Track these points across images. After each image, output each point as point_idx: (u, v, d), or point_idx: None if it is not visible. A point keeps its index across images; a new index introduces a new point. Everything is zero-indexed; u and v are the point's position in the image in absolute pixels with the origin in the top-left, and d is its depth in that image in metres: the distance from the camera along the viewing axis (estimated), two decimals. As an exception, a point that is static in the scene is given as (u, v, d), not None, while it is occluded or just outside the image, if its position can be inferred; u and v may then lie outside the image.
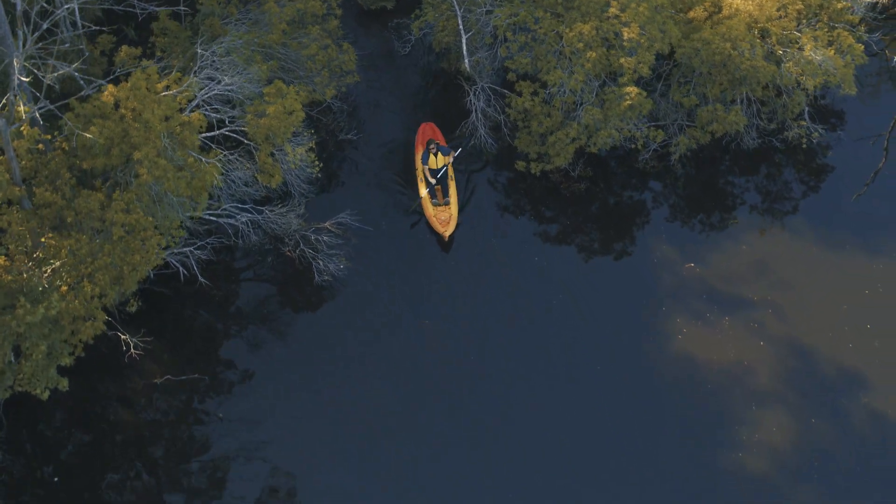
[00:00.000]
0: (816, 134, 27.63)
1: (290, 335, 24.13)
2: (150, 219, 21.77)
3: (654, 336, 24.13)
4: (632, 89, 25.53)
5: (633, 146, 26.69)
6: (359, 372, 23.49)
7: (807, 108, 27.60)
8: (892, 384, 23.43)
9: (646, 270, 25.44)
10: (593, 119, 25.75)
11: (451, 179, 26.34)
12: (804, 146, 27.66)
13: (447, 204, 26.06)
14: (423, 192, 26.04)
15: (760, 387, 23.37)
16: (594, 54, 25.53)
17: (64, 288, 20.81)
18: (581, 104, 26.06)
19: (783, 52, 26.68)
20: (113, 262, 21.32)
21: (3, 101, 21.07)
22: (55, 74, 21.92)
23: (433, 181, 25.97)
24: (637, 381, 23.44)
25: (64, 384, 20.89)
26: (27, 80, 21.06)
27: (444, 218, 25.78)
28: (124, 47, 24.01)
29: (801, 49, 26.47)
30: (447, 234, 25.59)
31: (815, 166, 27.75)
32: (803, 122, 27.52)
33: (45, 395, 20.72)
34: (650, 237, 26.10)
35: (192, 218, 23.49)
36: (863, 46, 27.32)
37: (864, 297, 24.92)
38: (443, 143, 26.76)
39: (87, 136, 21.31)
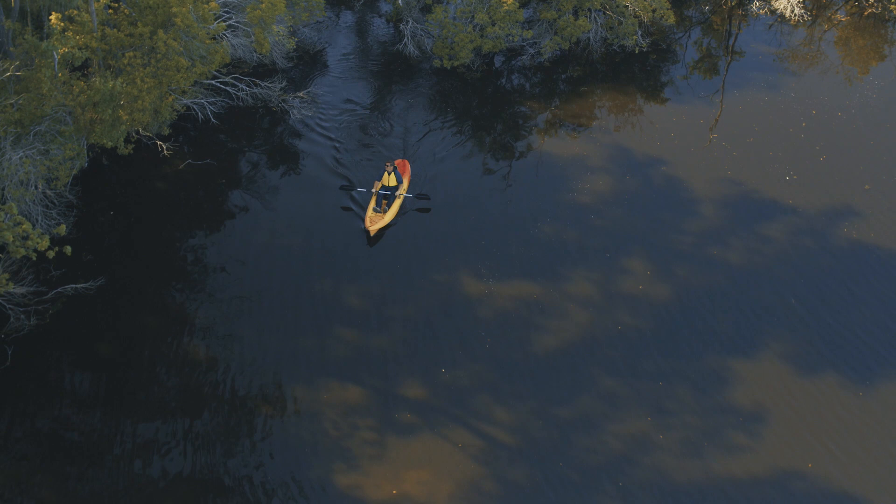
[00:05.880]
0: (645, 44, 39.56)
1: (273, 147, 35.19)
2: (181, 48, 33.34)
3: (522, 144, 35.16)
4: (508, -1, 37.73)
5: (513, 41, 38.48)
6: (322, 160, 34.51)
7: (639, 31, 39.66)
8: (683, 160, 34.29)
9: (520, 115, 36.71)
10: (482, 21, 37.74)
11: (399, 199, 31.56)
12: (637, 52, 39.56)
13: (385, 212, 31.09)
14: (372, 202, 30.95)
15: (593, 164, 34.18)
16: (481, -26, 37.92)
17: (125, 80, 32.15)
18: (475, 12, 38.14)
19: (615, -16, 39.09)
20: (156, 72, 32.72)
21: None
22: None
23: (377, 191, 31.15)
24: (507, 166, 34.25)
25: (122, 145, 31.86)
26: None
27: (375, 220, 30.63)
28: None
29: (623, -23, 38.94)
30: (373, 230, 30.08)
31: (644, 62, 39.52)
32: (635, 37, 39.54)
33: (110, 145, 31.67)
34: (525, 98, 37.52)
35: (207, 76, 34.93)
36: (673, -17, 39.81)
37: (671, 121, 36.12)
38: (405, 175, 32.79)
39: (143, -6, 33.26)
